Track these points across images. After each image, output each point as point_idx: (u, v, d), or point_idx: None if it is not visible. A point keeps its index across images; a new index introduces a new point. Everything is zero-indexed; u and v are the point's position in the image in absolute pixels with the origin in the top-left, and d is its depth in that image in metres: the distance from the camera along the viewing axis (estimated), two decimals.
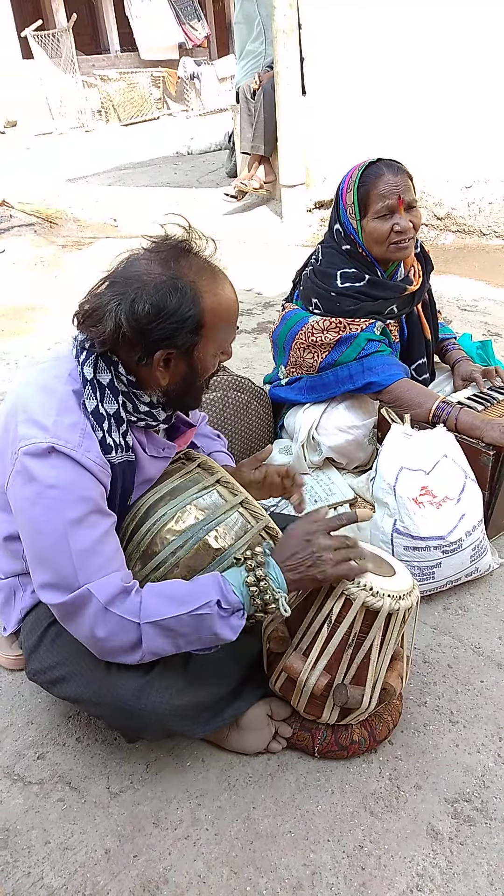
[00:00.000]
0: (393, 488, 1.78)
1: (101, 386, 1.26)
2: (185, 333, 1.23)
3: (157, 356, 1.24)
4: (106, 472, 1.25)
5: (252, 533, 1.36)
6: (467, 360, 2.36)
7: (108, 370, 1.27)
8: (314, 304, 2.17)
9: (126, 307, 1.20)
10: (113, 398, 1.27)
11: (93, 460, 1.22)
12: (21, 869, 1.29)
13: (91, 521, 1.20)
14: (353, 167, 2.07)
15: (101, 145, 11.29)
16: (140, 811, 1.38)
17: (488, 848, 1.29)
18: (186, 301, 1.21)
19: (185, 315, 1.21)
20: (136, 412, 1.32)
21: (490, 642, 1.74)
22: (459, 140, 4.86)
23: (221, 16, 19.79)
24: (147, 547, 1.35)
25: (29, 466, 1.18)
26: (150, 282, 1.21)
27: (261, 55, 5.89)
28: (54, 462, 1.18)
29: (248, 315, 4.04)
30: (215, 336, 1.28)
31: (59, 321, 4.04)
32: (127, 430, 1.30)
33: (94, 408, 1.25)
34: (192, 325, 1.23)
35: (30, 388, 1.28)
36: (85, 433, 1.23)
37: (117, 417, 1.27)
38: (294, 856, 1.29)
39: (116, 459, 1.27)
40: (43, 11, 16.46)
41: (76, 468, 1.20)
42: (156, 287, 1.21)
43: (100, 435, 1.24)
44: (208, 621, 1.22)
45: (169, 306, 1.20)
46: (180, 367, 1.29)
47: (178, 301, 1.20)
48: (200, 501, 1.38)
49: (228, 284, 1.30)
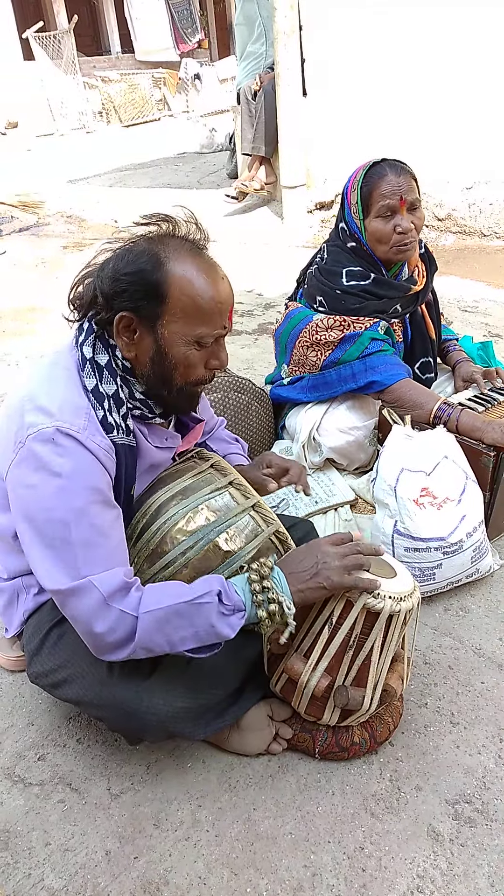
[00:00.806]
0: (394, 489, 1.78)
1: (100, 366, 1.27)
2: (143, 296, 1.22)
3: (118, 318, 1.24)
4: (111, 458, 1.24)
5: (262, 537, 1.36)
6: (468, 361, 2.36)
7: (106, 352, 1.28)
8: (319, 301, 2.17)
9: (105, 272, 1.25)
10: (111, 379, 1.27)
11: (98, 444, 1.21)
12: (22, 870, 1.29)
13: (96, 511, 1.20)
14: (359, 167, 2.07)
15: (101, 146, 11.32)
16: (141, 812, 1.38)
17: (489, 849, 1.29)
18: (146, 259, 1.23)
19: (141, 270, 1.22)
20: (132, 398, 1.32)
21: (491, 643, 1.73)
22: (460, 141, 4.87)
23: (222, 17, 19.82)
24: (157, 546, 1.34)
25: (37, 452, 1.18)
26: (128, 250, 1.25)
27: (262, 56, 5.91)
28: (61, 446, 1.18)
29: (249, 316, 4.04)
30: (183, 316, 1.24)
31: (60, 322, 4.03)
32: (127, 413, 1.30)
33: (93, 387, 1.25)
34: (149, 287, 1.22)
35: (33, 380, 1.28)
36: (89, 418, 1.23)
37: (116, 399, 1.27)
38: (294, 857, 1.29)
39: (118, 440, 1.26)
40: (44, 13, 16.50)
41: (83, 453, 1.19)
42: (132, 253, 1.24)
43: (100, 414, 1.24)
44: (206, 611, 1.20)
45: (129, 262, 1.23)
46: (145, 341, 1.27)
47: (137, 257, 1.23)
48: (213, 503, 1.37)
49: (214, 273, 1.27)
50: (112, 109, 13.64)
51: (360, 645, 1.32)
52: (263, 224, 5.89)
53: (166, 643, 1.21)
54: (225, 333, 1.32)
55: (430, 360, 2.31)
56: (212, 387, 2.23)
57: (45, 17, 16.21)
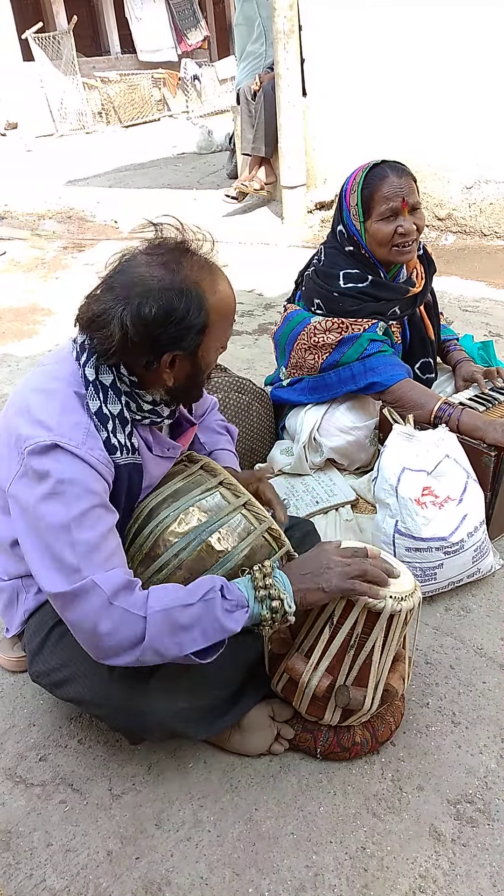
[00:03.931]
0: (395, 489, 1.78)
1: (104, 387, 1.27)
2: (193, 336, 1.24)
3: (165, 359, 1.25)
4: (109, 471, 1.25)
5: (255, 535, 1.36)
6: (469, 360, 2.35)
7: (111, 371, 1.28)
8: (316, 304, 2.17)
9: (133, 312, 1.19)
10: (116, 399, 1.28)
11: (96, 458, 1.22)
12: (23, 871, 1.29)
13: (96, 515, 1.20)
14: (357, 169, 2.07)
15: (101, 147, 11.32)
16: (142, 813, 1.38)
17: (491, 849, 1.29)
18: (194, 306, 1.22)
19: (193, 321, 1.22)
20: (140, 411, 1.33)
21: (492, 643, 1.73)
22: (460, 141, 4.87)
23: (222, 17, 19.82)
24: (150, 549, 1.34)
25: (35, 466, 1.19)
26: (154, 286, 1.21)
27: (261, 56, 5.91)
28: (59, 458, 1.19)
29: (249, 316, 4.04)
30: (217, 333, 1.30)
31: (61, 323, 4.04)
32: (132, 430, 1.31)
33: (97, 409, 1.25)
34: (198, 328, 1.24)
35: (32, 391, 1.28)
36: (88, 433, 1.23)
37: (121, 418, 1.28)
38: (296, 857, 1.29)
39: (122, 461, 1.27)
40: (43, 13, 16.49)
41: (80, 464, 1.20)
42: (161, 291, 1.20)
43: (104, 435, 1.25)
44: (212, 607, 1.20)
45: (178, 311, 1.20)
46: (185, 366, 1.29)
47: (185, 305, 1.21)
48: (203, 503, 1.38)
49: (225, 280, 1.31)
50: (112, 110, 13.64)
51: (362, 645, 1.32)
52: (263, 224, 5.89)
53: (175, 644, 1.20)
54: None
55: (430, 360, 2.31)
56: (212, 387, 2.23)
57: (45, 17, 16.20)
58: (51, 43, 12.89)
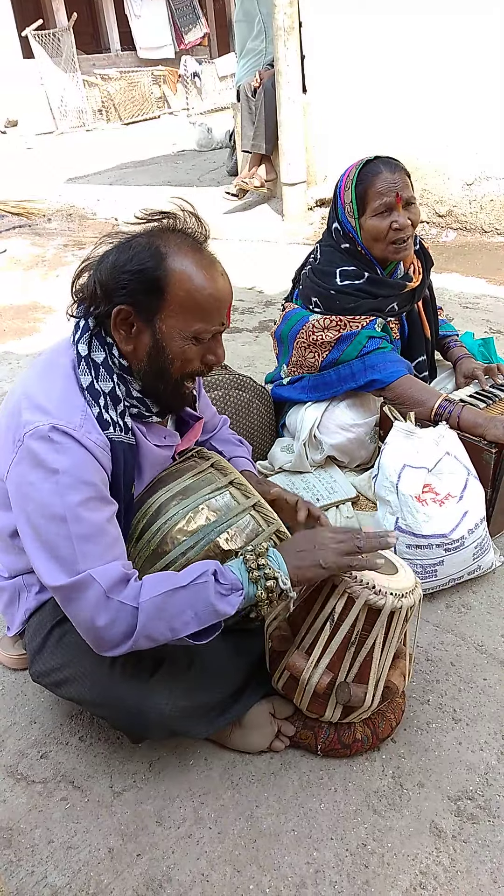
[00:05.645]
0: (395, 486, 1.78)
1: (95, 363, 1.27)
2: (143, 290, 1.23)
3: (116, 311, 1.24)
4: (107, 455, 1.24)
5: (263, 536, 1.36)
6: (469, 357, 2.35)
7: (102, 349, 1.28)
8: (314, 302, 2.16)
9: (104, 262, 1.25)
10: (108, 376, 1.28)
11: (94, 441, 1.22)
12: (25, 868, 1.29)
13: (93, 506, 1.20)
14: (351, 165, 2.06)
15: (101, 144, 11.31)
16: (143, 810, 1.38)
17: (492, 846, 1.29)
18: (146, 253, 1.23)
19: (142, 263, 1.22)
20: (130, 396, 1.32)
21: (493, 640, 1.73)
22: (460, 137, 4.86)
23: (222, 14, 19.77)
24: (157, 546, 1.34)
25: (34, 450, 1.18)
26: (128, 242, 1.26)
27: (261, 53, 5.89)
28: (58, 443, 1.18)
29: (250, 313, 4.04)
30: (181, 311, 1.25)
31: (61, 320, 4.03)
32: (124, 411, 1.30)
33: (88, 384, 1.25)
34: (148, 281, 1.22)
35: (31, 379, 1.29)
36: (86, 416, 1.23)
37: (113, 396, 1.28)
38: (297, 854, 1.29)
39: (115, 437, 1.26)
40: (43, 11, 16.43)
41: (79, 449, 1.20)
42: (131, 245, 1.25)
43: (96, 411, 1.24)
44: (204, 591, 1.20)
45: (134, 259, 1.23)
46: (143, 335, 1.27)
47: (144, 257, 1.23)
48: (213, 502, 1.37)
49: (213, 269, 1.28)
50: (112, 107, 13.63)
51: (362, 642, 1.32)
52: (264, 221, 5.88)
53: (168, 629, 1.20)
54: (223, 330, 1.32)
55: (426, 358, 2.30)
56: (213, 384, 2.23)
57: (45, 15, 16.14)
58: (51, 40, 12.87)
